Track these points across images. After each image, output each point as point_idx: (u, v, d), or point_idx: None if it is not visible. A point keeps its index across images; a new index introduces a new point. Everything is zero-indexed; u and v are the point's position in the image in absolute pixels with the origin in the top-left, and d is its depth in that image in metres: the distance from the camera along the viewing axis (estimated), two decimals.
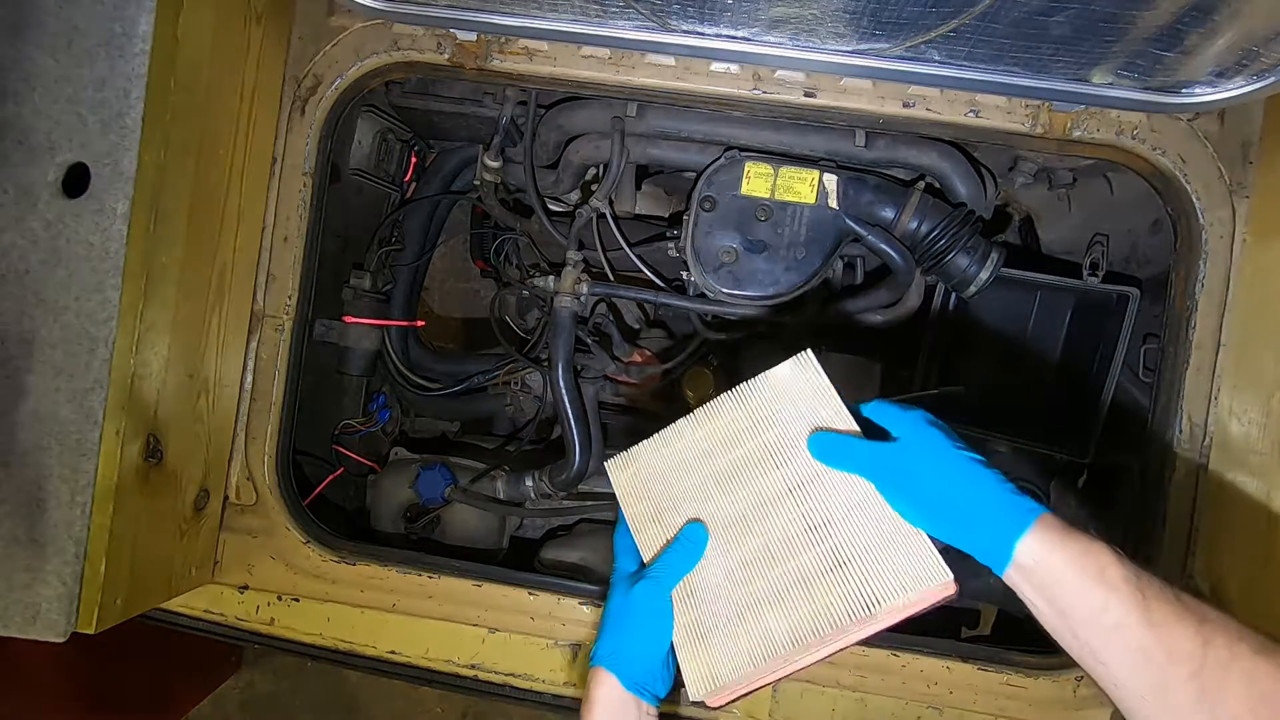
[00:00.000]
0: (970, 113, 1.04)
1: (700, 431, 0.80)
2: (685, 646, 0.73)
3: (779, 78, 1.06)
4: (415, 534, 1.33)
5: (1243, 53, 0.86)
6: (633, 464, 0.83)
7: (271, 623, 1.14)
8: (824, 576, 0.69)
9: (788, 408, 0.77)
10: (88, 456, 0.83)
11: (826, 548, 0.70)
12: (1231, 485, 1.00)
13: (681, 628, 0.74)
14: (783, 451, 0.76)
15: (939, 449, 0.68)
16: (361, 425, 1.45)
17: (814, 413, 0.76)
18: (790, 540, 0.72)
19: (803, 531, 0.72)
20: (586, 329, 1.35)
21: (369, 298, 1.40)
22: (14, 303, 0.82)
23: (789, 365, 0.79)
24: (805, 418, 0.76)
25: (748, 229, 1.15)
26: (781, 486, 0.74)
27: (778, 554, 0.72)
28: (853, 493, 0.71)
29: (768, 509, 0.74)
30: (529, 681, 1.12)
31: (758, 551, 0.73)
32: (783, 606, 0.70)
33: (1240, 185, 1.04)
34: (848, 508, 0.71)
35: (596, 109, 1.19)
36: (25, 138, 0.82)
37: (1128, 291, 1.14)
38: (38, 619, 0.83)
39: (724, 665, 0.71)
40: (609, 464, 0.84)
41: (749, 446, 0.77)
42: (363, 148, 1.36)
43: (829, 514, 0.71)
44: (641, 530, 0.80)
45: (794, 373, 0.78)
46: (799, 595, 0.70)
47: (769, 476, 0.75)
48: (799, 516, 0.73)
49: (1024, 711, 1.05)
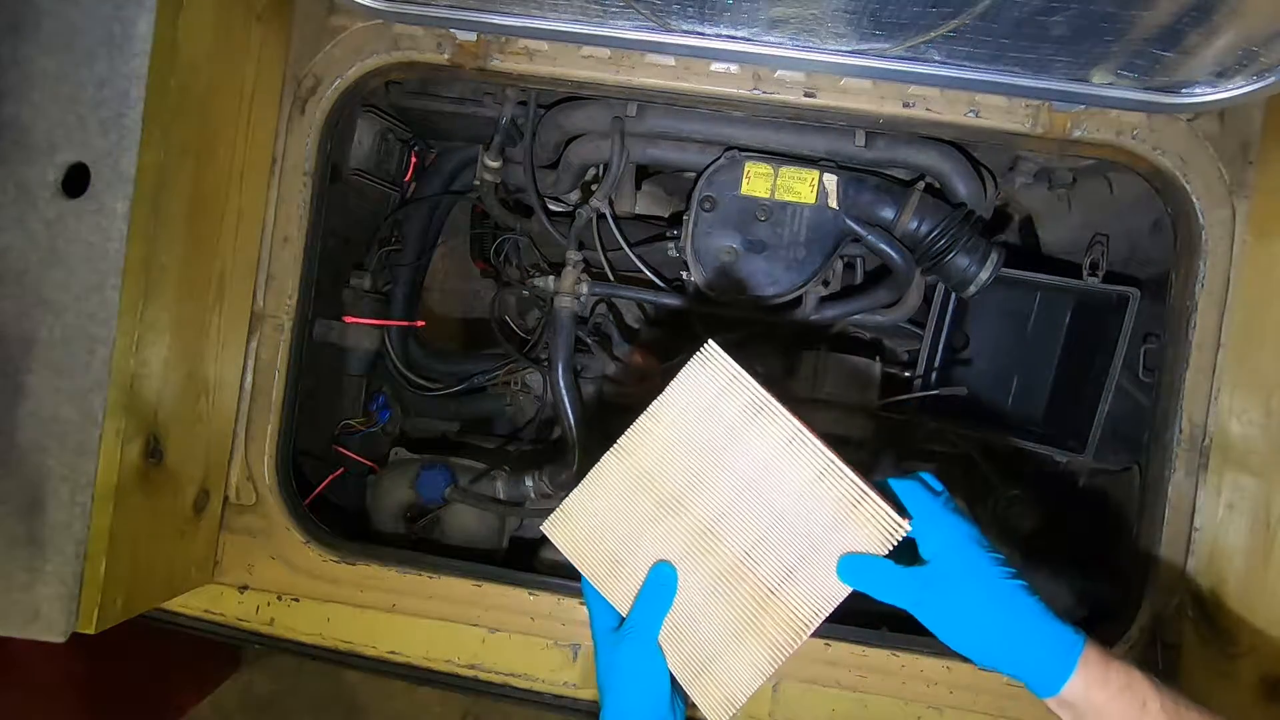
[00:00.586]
0: (970, 113, 1.04)
1: (627, 463, 0.75)
2: (693, 682, 0.72)
3: (779, 78, 1.06)
4: (415, 534, 1.33)
5: (1243, 53, 0.86)
6: (569, 519, 0.78)
7: (271, 623, 1.14)
8: (798, 567, 0.69)
9: (708, 412, 0.72)
10: (88, 456, 0.83)
11: (790, 541, 0.70)
12: (1231, 485, 1.00)
13: (680, 664, 0.72)
14: (716, 458, 0.72)
15: (981, 576, 0.66)
16: (361, 425, 1.45)
17: (733, 409, 0.72)
18: (755, 544, 0.71)
19: (763, 531, 0.70)
20: (586, 329, 1.35)
21: (369, 298, 1.40)
22: (14, 303, 0.82)
23: (694, 365, 0.73)
24: (725, 418, 0.72)
25: (748, 229, 1.15)
26: (728, 495, 0.72)
27: (748, 561, 0.71)
28: (795, 480, 0.70)
29: (723, 521, 0.72)
30: (529, 681, 1.12)
31: (728, 565, 0.72)
32: (771, 608, 0.70)
33: (1240, 185, 1.04)
34: (795, 497, 0.70)
35: (596, 109, 1.19)
36: (25, 138, 0.82)
37: (1128, 291, 1.14)
38: (38, 619, 0.83)
39: (736, 685, 0.70)
40: (545, 527, 0.78)
41: (683, 464, 0.73)
42: (363, 148, 1.36)
43: (780, 509, 0.70)
44: (603, 581, 0.76)
45: (703, 372, 0.73)
46: (784, 592, 0.69)
47: (714, 489, 0.72)
48: (753, 519, 0.71)
49: (1024, 711, 1.05)
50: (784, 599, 0.70)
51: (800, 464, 0.70)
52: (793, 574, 0.70)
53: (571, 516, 0.78)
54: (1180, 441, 1.05)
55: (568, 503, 0.78)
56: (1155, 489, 1.06)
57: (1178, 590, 1.05)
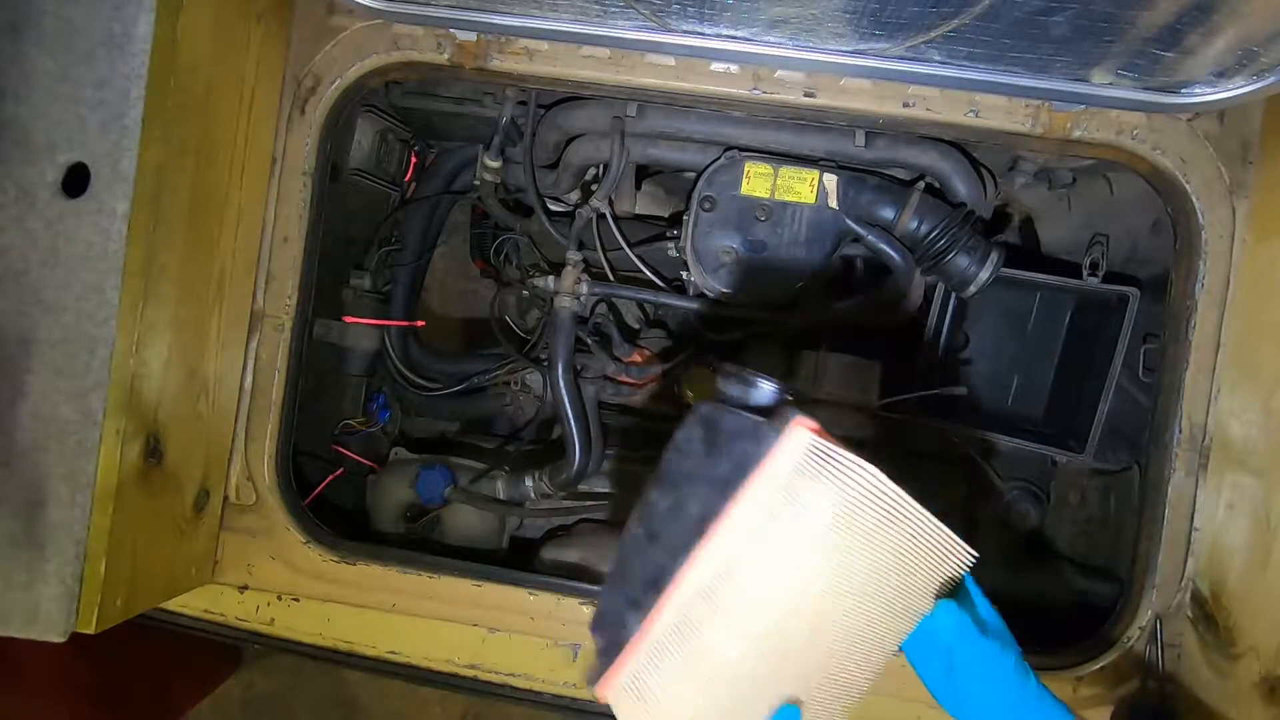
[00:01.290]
0: (970, 113, 1.04)
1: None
2: None
3: (779, 78, 1.06)
4: (415, 534, 1.33)
5: (1243, 53, 0.86)
6: (647, 696, 0.57)
7: (271, 623, 1.14)
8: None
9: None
10: (88, 456, 0.83)
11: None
12: (1231, 485, 1.00)
13: None
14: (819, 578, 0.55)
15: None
16: (361, 425, 1.45)
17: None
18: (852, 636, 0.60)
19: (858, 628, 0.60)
20: (586, 329, 1.35)
21: (369, 298, 1.40)
22: (13, 303, 0.82)
23: (792, 466, 0.54)
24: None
25: (748, 229, 1.15)
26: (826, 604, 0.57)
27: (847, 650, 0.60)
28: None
29: (817, 633, 0.58)
30: (529, 681, 1.12)
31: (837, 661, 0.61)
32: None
33: (1240, 185, 1.04)
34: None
35: (596, 109, 1.19)
36: (25, 138, 0.82)
37: (1128, 291, 1.14)
38: (38, 619, 0.83)
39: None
40: (613, 699, 0.59)
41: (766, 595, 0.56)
42: (363, 148, 1.36)
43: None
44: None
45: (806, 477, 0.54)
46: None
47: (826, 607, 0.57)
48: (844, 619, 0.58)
49: None
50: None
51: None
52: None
53: (649, 693, 0.57)
54: (1180, 441, 1.05)
55: (646, 679, 0.57)
56: (1155, 489, 1.06)
57: (1178, 590, 1.05)
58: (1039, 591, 1.27)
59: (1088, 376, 1.21)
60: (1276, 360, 0.96)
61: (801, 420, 0.55)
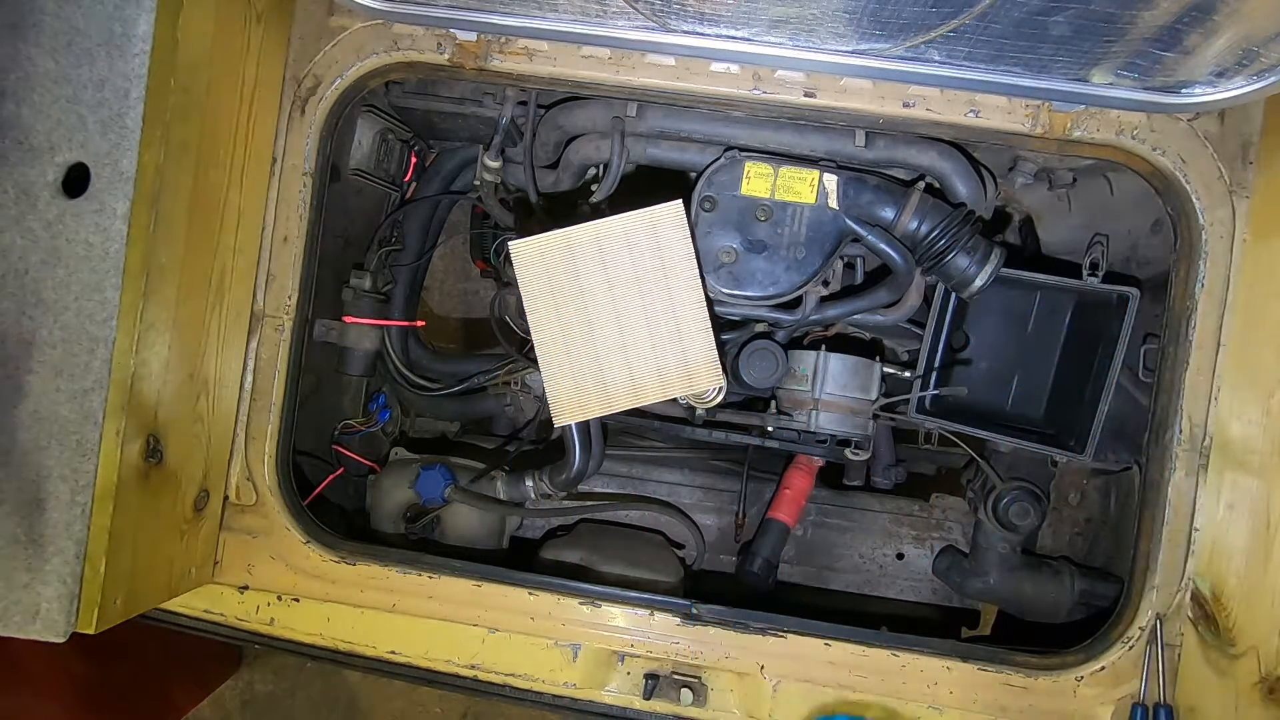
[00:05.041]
0: (970, 113, 1.04)
1: (596, 242, 1.05)
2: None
3: (779, 78, 1.06)
4: (415, 534, 1.33)
5: (1243, 53, 0.86)
6: (534, 246, 1.04)
7: (271, 623, 1.14)
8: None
9: (652, 245, 1.04)
10: (88, 456, 0.83)
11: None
12: (1232, 485, 1.00)
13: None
14: (648, 274, 1.05)
15: None
16: (361, 425, 1.45)
17: (669, 256, 1.05)
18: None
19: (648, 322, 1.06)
20: None
21: (369, 298, 1.40)
22: (14, 303, 0.82)
23: (664, 211, 1.04)
24: (661, 256, 1.05)
25: (748, 229, 1.15)
26: (637, 292, 1.06)
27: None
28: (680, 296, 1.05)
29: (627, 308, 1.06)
30: (529, 681, 1.12)
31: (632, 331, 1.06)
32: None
33: (1240, 185, 1.04)
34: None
35: (596, 109, 1.19)
36: (25, 138, 0.82)
37: (1128, 291, 1.14)
38: (38, 619, 0.83)
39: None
40: (514, 244, 1.05)
41: (625, 263, 1.05)
42: (363, 148, 1.36)
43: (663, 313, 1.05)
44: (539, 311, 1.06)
45: (665, 219, 1.04)
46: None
47: (639, 286, 1.06)
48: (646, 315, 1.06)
49: (1024, 711, 1.06)
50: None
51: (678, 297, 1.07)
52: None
53: (537, 245, 1.05)
54: (1180, 441, 1.05)
55: (542, 239, 1.05)
56: (1155, 489, 1.06)
57: (1178, 590, 1.05)
58: (1039, 591, 1.27)
59: (1088, 377, 1.21)
60: (1276, 360, 0.96)
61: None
